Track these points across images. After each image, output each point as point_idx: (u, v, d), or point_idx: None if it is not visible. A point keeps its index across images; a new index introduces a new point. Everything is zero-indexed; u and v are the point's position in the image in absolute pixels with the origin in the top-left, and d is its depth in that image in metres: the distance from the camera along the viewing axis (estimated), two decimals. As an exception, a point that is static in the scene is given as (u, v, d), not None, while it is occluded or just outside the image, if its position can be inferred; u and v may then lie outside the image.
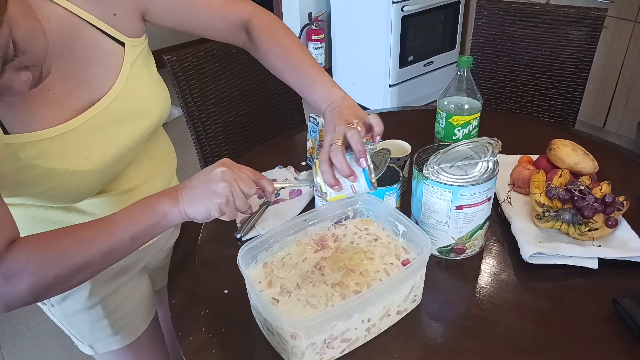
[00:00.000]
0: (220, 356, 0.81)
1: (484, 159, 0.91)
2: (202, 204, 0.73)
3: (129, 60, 0.82)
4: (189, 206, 0.73)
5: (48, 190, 0.76)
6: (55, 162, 0.74)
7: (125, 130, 0.82)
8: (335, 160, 0.76)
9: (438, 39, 3.20)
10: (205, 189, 0.73)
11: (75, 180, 0.77)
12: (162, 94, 0.89)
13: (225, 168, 0.74)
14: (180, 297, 0.92)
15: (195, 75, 1.48)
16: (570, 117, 1.70)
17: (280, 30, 0.94)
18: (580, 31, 1.62)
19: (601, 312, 0.85)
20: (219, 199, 0.72)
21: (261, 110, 1.64)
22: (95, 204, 0.86)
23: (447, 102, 1.20)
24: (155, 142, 0.95)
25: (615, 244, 0.96)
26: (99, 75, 0.79)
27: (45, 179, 0.74)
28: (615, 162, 1.23)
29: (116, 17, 0.80)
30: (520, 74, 1.74)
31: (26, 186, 0.75)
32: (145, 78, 0.85)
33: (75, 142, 0.76)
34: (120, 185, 0.87)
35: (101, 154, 0.79)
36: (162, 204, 0.74)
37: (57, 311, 0.97)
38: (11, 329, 2.01)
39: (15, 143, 0.70)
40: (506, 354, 0.80)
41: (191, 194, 0.74)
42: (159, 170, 0.95)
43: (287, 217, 1.09)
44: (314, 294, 0.81)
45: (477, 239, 0.95)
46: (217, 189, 0.72)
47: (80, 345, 1.04)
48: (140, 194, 0.90)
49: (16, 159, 0.70)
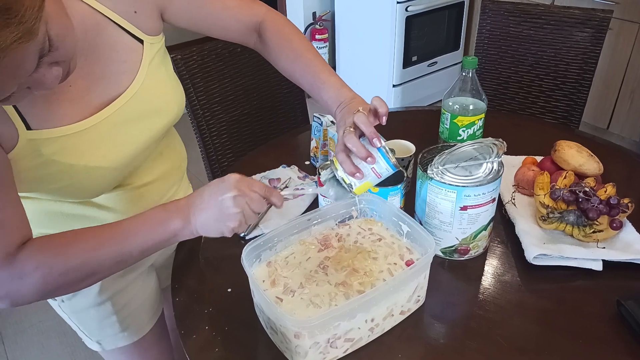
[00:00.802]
0: (224, 355, 0.81)
1: (488, 160, 0.90)
2: (215, 228, 0.74)
3: (148, 58, 0.83)
4: (202, 228, 0.75)
5: (66, 186, 0.77)
6: (74, 158, 0.75)
7: (143, 128, 0.83)
8: (350, 143, 0.77)
9: (442, 40, 3.20)
10: (218, 213, 0.73)
11: (93, 177, 0.78)
12: (178, 92, 0.90)
13: (236, 192, 0.73)
14: (184, 296, 0.92)
15: (199, 73, 1.48)
16: (575, 118, 1.69)
17: (292, 33, 0.96)
18: (586, 32, 1.62)
19: (605, 313, 0.85)
20: (233, 224, 0.74)
21: (265, 109, 1.64)
22: (110, 198, 0.87)
23: (452, 102, 1.20)
24: (168, 140, 0.96)
25: (620, 245, 0.96)
26: (118, 73, 0.80)
27: (65, 175, 0.76)
28: (620, 164, 1.22)
29: (137, 14, 0.81)
30: (525, 75, 1.74)
31: (46, 182, 0.76)
32: (163, 76, 0.87)
33: (95, 139, 0.77)
34: (134, 180, 0.88)
35: (119, 151, 0.80)
36: (174, 223, 0.74)
37: (67, 307, 0.97)
38: (14, 326, 2.01)
39: (37, 139, 0.71)
40: (509, 354, 0.79)
41: (204, 217, 0.74)
42: (171, 167, 0.97)
43: (291, 216, 1.09)
44: (318, 293, 0.81)
45: (481, 240, 0.95)
46: (231, 214, 0.73)
47: (87, 342, 1.04)
48: (153, 190, 0.92)
49: (38, 155, 0.72)
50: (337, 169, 0.80)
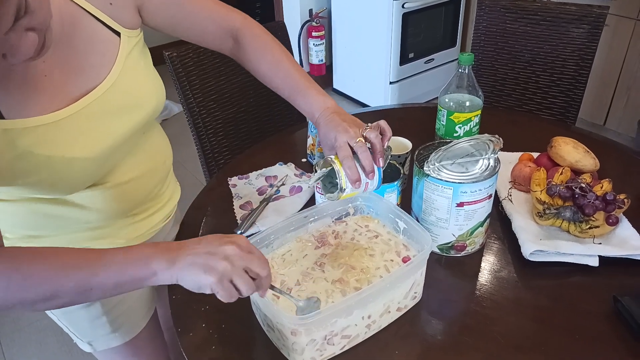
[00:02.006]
0: (221, 352, 0.81)
1: (485, 156, 0.90)
2: (194, 274, 0.66)
3: (125, 50, 0.82)
4: (181, 272, 0.66)
5: (45, 179, 0.76)
6: (52, 149, 0.74)
7: (121, 121, 0.83)
8: (363, 156, 0.80)
9: (439, 36, 3.20)
10: (203, 262, 0.66)
11: (71, 169, 0.77)
12: (157, 87, 0.90)
13: (233, 253, 0.67)
14: (181, 293, 0.92)
15: (195, 71, 1.48)
16: (571, 114, 1.70)
17: (271, 40, 0.98)
18: (582, 29, 1.62)
19: (601, 310, 0.85)
20: (213, 277, 0.65)
21: (261, 106, 1.64)
22: (91, 197, 0.85)
23: (448, 99, 1.19)
24: (150, 136, 0.95)
25: (616, 241, 0.96)
26: (95, 65, 0.79)
27: (42, 167, 0.74)
28: (616, 160, 1.23)
29: (112, 6, 0.81)
30: (521, 71, 1.74)
31: (23, 175, 0.74)
32: (141, 69, 0.86)
33: (72, 130, 0.76)
34: (115, 177, 0.87)
35: (97, 143, 0.79)
36: (157, 263, 0.67)
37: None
38: (11, 324, 2.01)
39: (12, 129, 0.70)
40: (506, 351, 0.80)
41: (189, 260, 0.67)
42: (154, 165, 0.95)
43: (287, 213, 1.08)
44: (315, 290, 0.81)
45: (477, 237, 0.95)
46: (217, 268, 0.65)
47: (79, 343, 1.04)
48: (135, 187, 0.91)
49: (13, 147, 0.70)
50: (340, 171, 0.81)
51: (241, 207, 1.12)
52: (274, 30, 1.64)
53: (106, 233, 0.91)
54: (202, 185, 1.28)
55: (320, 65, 3.38)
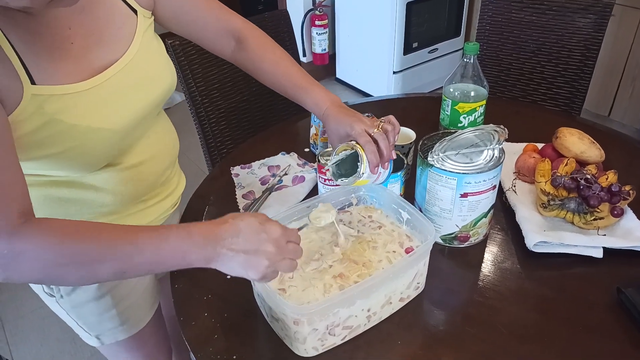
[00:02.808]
0: (224, 341, 0.81)
1: (489, 147, 0.90)
2: (236, 271, 0.69)
3: (142, 28, 0.86)
4: (222, 267, 0.69)
5: (67, 150, 0.77)
6: (77, 118, 0.76)
7: (140, 95, 0.86)
8: (383, 144, 0.85)
9: (443, 26, 3.17)
10: (245, 260, 0.68)
11: (95, 140, 0.79)
12: (170, 67, 0.94)
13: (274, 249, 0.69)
14: (183, 282, 0.92)
15: (198, 60, 1.47)
16: (576, 105, 1.68)
17: (271, 42, 1.03)
18: (588, 19, 1.60)
19: (605, 301, 0.85)
20: (256, 276, 0.68)
21: (264, 96, 1.63)
22: (106, 179, 0.86)
23: (453, 89, 1.19)
24: (160, 120, 0.98)
25: (620, 233, 0.95)
26: (116, 37, 0.83)
27: (67, 136, 0.76)
28: (621, 151, 1.22)
29: None
30: (526, 61, 1.72)
31: (47, 144, 0.75)
32: (155, 49, 0.90)
33: (97, 101, 0.78)
34: (129, 159, 0.88)
35: (121, 114, 0.82)
36: (194, 258, 0.68)
37: (66, 302, 0.96)
38: (14, 311, 2.02)
39: (41, 95, 0.72)
40: (508, 341, 0.80)
41: (229, 259, 0.68)
42: (164, 148, 0.97)
43: (290, 203, 1.08)
44: (312, 284, 0.81)
45: (481, 227, 0.95)
46: (259, 267, 0.68)
47: (86, 337, 1.03)
48: (147, 170, 0.92)
49: (41, 113, 0.72)
50: (363, 155, 0.84)
51: (244, 196, 1.12)
52: (277, 18, 1.63)
53: (118, 219, 0.92)
54: (205, 175, 1.27)
55: (323, 54, 3.36)
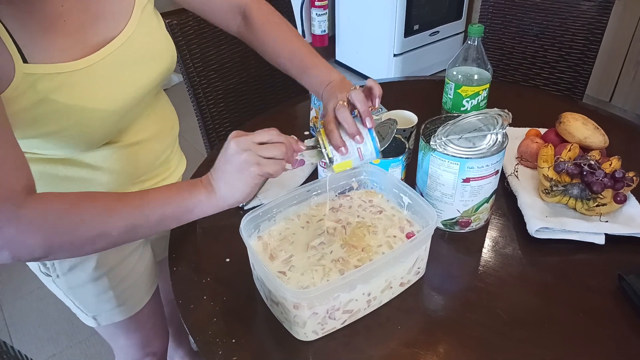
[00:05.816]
0: (222, 324, 0.80)
1: (492, 131, 0.88)
2: (240, 180, 0.70)
3: (140, 4, 0.83)
4: (228, 189, 0.71)
5: (63, 129, 0.75)
6: (73, 98, 0.74)
7: (139, 73, 0.83)
8: (342, 116, 0.76)
9: (444, 8, 3.13)
10: (232, 166, 0.70)
11: (91, 120, 0.77)
12: (170, 44, 0.91)
13: (236, 136, 0.70)
14: (182, 265, 0.91)
15: (196, 39, 1.44)
16: (579, 90, 1.67)
17: (279, 18, 0.99)
18: (593, 2, 1.58)
19: (606, 287, 0.85)
20: (253, 168, 0.69)
21: (263, 77, 1.61)
22: (104, 157, 0.85)
23: (456, 72, 1.17)
24: (160, 99, 0.96)
25: (623, 219, 0.95)
26: (113, 13, 0.80)
27: (63, 115, 0.74)
28: (623, 136, 1.20)
29: None
30: (529, 45, 1.70)
31: (42, 123, 0.73)
32: (155, 26, 0.87)
33: (93, 80, 0.76)
34: (128, 137, 0.87)
35: (118, 94, 0.80)
36: (198, 192, 0.72)
37: (63, 283, 0.96)
38: (12, 292, 2.02)
39: (34, 74, 0.69)
40: (509, 326, 0.79)
41: (223, 178, 0.71)
42: (163, 127, 0.96)
43: (289, 186, 1.07)
44: (312, 268, 0.80)
45: (482, 212, 0.94)
46: (242, 159, 0.69)
47: (83, 317, 1.03)
48: (146, 148, 0.91)
49: (34, 92, 0.70)
50: (323, 140, 0.77)
51: (243, 179, 1.11)
52: (277, -2, 1.60)
53: None
54: (203, 157, 1.26)
55: (322, 36, 3.32)
